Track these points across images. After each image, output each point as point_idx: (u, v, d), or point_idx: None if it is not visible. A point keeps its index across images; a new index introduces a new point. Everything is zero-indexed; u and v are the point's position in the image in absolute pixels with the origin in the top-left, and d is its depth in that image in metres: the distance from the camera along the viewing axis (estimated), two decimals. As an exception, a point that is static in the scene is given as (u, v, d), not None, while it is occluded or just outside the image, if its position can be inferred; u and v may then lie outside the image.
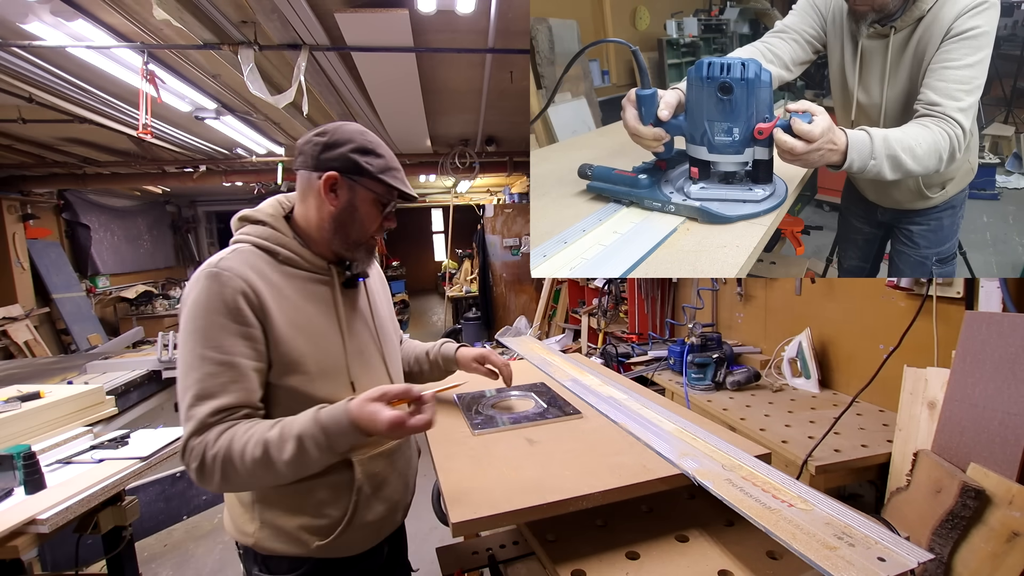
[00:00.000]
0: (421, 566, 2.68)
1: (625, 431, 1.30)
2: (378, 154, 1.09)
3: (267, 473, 0.93)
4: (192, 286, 0.99)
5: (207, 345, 0.95)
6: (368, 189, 1.08)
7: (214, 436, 0.93)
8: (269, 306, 1.00)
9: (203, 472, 0.94)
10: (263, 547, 1.09)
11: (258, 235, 1.08)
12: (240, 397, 0.96)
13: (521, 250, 7.08)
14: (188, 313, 0.98)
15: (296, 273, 1.09)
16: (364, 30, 2.39)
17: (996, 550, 1.25)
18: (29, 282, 5.86)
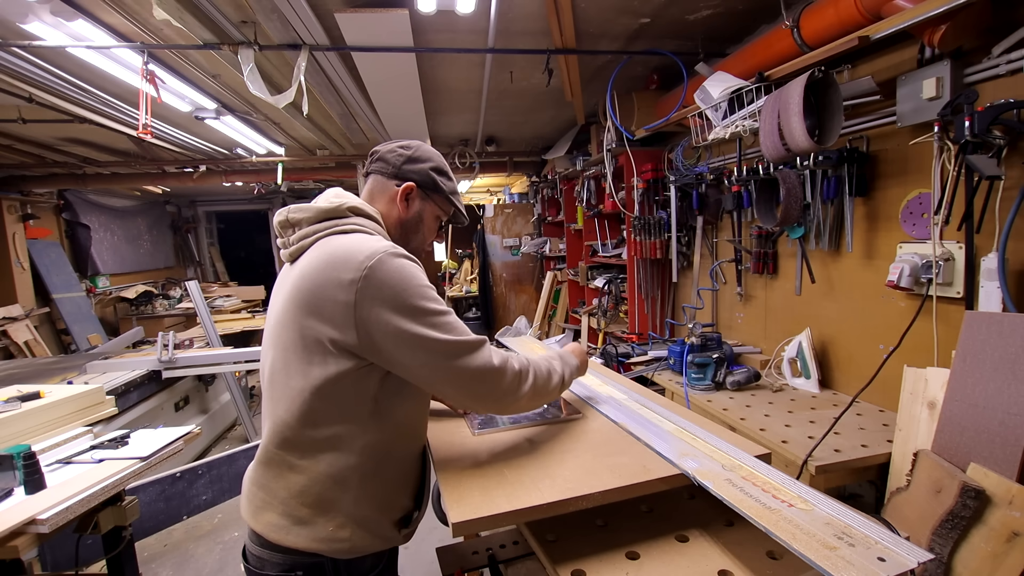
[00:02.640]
0: (421, 566, 2.68)
1: (625, 431, 1.30)
2: (450, 176, 1.22)
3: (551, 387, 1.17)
4: (379, 266, 0.96)
5: (443, 307, 1.01)
6: (437, 205, 1.20)
7: (516, 359, 1.10)
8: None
9: (536, 383, 1.12)
10: (358, 548, 1.05)
11: (376, 231, 1.10)
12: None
13: (521, 250, 7.08)
14: (404, 286, 0.97)
15: None
16: (364, 30, 2.38)
17: (996, 550, 1.25)
18: (29, 282, 5.86)
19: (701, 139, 2.58)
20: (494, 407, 1.17)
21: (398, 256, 0.99)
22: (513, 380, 1.07)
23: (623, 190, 3.76)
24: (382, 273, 0.95)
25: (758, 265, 2.63)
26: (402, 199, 1.16)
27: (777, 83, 2.15)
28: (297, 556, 1.02)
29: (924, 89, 1.71)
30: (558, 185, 5.47)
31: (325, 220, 1.07)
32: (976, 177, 1.55)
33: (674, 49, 2.76)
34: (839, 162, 2.06)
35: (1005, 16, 1.55)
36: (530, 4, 2.33)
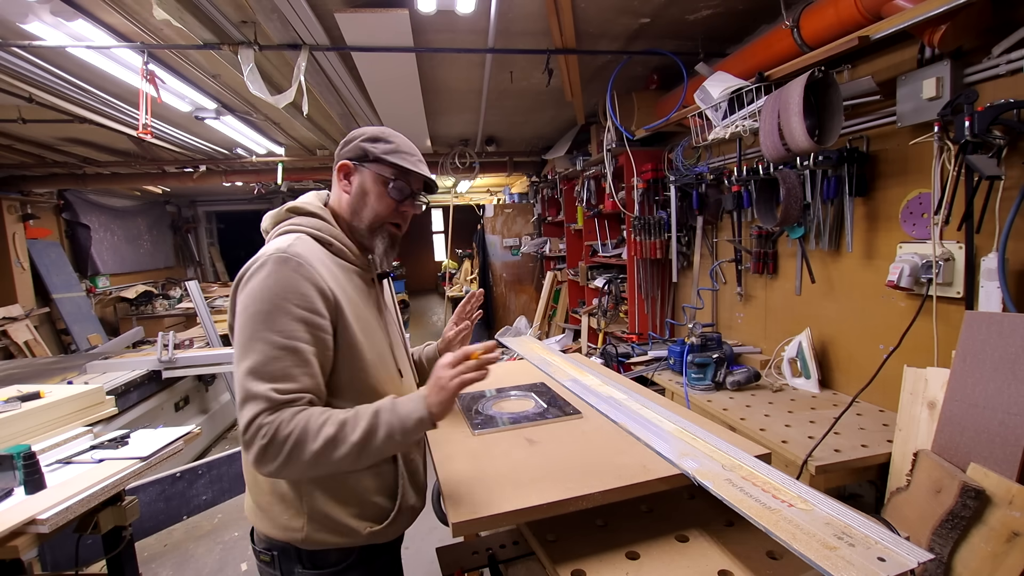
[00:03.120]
0: (421, 566, 2.69)
1: (625, 431, 1.30)
2: (387, 140, 1.13)
3: (332, 452, 0.94)
4: (257, 269, 0.99)
5: (273, 328, 0.96)
6: (374, 172, 1.12)
7: (290, 415, 0.94)
8: (339, 296, 1.04)
9: (268, 450, 0.92)
10: (313, 540, 1.08)
11: (311, 226, 1.11)
12: (306, 383, 0.98)
13: (521, 250, 7.08)
14: (254, 295, 0.97)
15: (345, 265, 1.13)
16: (364, 30, 2.38)
17: (996, 550, 1.25)
18: (29, 282, 5.86)
19: (701, 139, 2.58)
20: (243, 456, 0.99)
21: (284, 259, 0.99)
22: (255, 434, 0.92)
23: (623, 190, 3.75)
24: (256, 273, 0.99)
25: (758, 265, 2.63)
26: (340, 180, 1.15)
27: (777, 83, 2.15)
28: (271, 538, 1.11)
29: (924, 89, 1.71)
30: (558, 185, 5.47)
31: (276, 225, 1.14)
32: (976, 177, 1.55)
33: (674, 49, 2.76)
34: (839, 162, 2.06)
35: (1005, 16, 1.55)
36: (530, 4, 2.33)
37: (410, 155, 1.14)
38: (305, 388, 0.97)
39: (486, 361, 1.01)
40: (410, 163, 1.13)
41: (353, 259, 1.15)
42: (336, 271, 1.08)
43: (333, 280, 1.05)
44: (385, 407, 0.99)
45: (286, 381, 0.95)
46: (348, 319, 1.05)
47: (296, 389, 0.96)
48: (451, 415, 1.47)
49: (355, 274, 1.15)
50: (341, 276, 1.09)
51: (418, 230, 14.88)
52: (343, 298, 1.05)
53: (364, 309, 1.13)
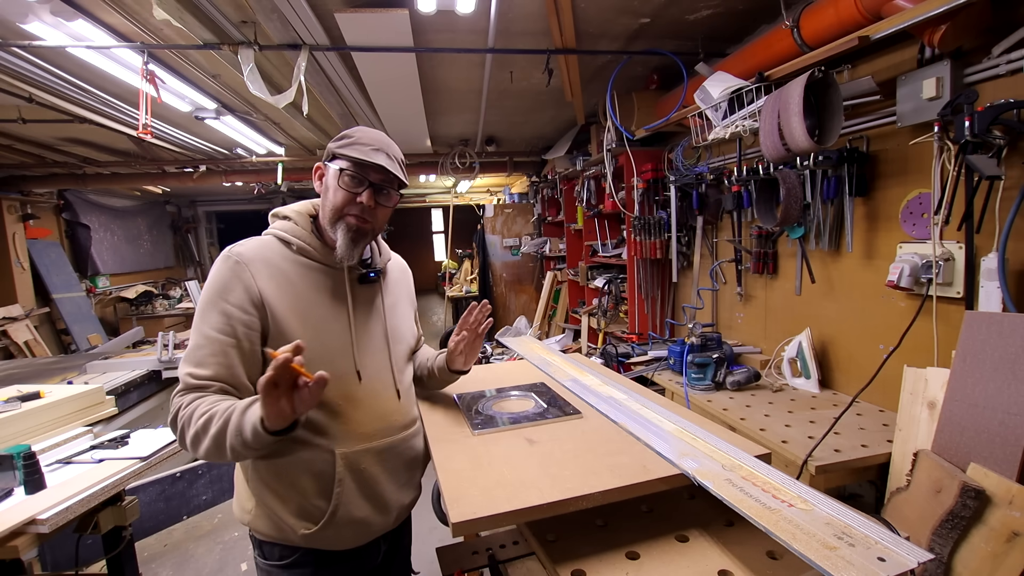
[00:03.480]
0: (421, 566, 2.68)
1: (625, 431, 1.30)
2: (349, 136, 1.15)
3: (199, 445, 1.00)
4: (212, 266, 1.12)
5: (202, 319, 1.06)
6: (334, 167, 1.14)
7: (188, 400, 1.03)
8: (270, 291, 1.08)
9: (174, 429, 1.04)
10: (257, 530, 1.14)
11: (279, 228, 1.18)
12: (218, 372, 1.04)
13: (521, 250, 7.08)
14: (204, 289, 1.10)
15: (308, 263, 1.16)
16: (364, 30, 2.38)
17: (996, 550, 1.25)
18: (29, 282, 5.86)
19: (701, 139, 2.58)
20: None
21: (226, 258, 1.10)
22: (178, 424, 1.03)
23: (623, 190, 3.75)
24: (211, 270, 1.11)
25: (758, 265, 2.63)
26: (315, 181, 1.21)
27: (777, 83, 2.15)
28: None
29: (924, 89, 1.71)
30: (558, 185, 5.47)
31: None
32: (976, 177, 1.55)
33: (674, 49, 2.76)
34: (839, 162, 2.06)
35: (1005, 16, 1.55)
36: (530, 4, 2.33)
37: (365, 146, 1.13)
38: (216, 376, 1.04)
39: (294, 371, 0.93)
40: (363, 153, 1.11)
41: (317, 257, 1.17)
42: (289, 268, 1.13)
43: (274, 279, 1.10)
44: (239, 408, 0.99)
45: (201, 367, 1.04)
46: (281, 316, 1.08)
47: (207, 376, 1.04)
48: (451, 415, 1.47)
49: (322, 273, 1.17)
50: (295, 273, 1.14)
51: (418, 230, 14.89)
52: (277, 290, 1.09)
53: (317, 307, 1.14)
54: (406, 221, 13.89)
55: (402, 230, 13.85)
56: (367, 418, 1.17)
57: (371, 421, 1.18)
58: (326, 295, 1.16)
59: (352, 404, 1.15)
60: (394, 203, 1.21)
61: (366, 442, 1.16)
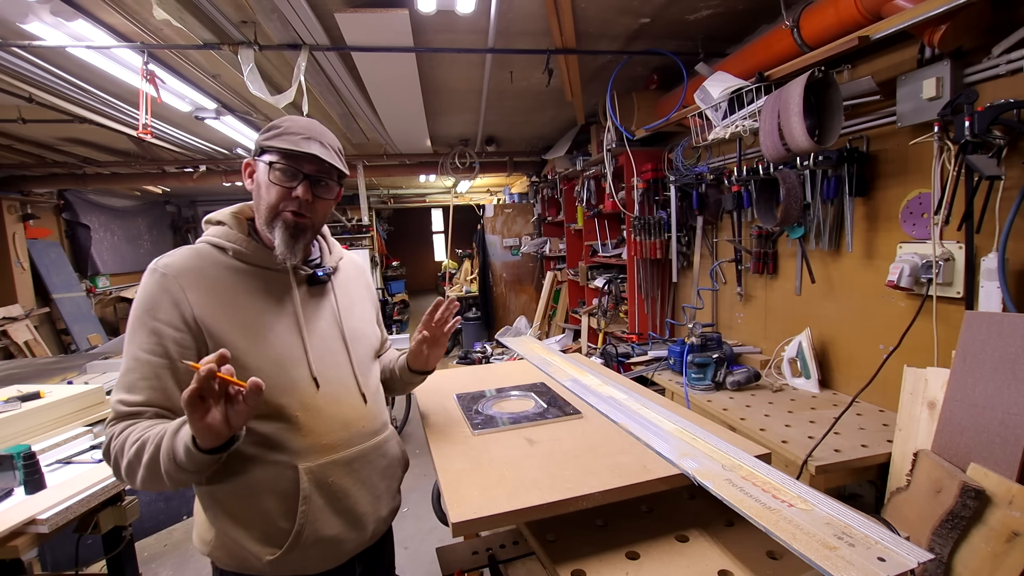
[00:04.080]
0: (421, 566, 2.68)
1: (625, 431, 1.30)
2: (277, 127, 1.06)
3: (135, 471, 0.93)
4: (141, 280, 1.05)
5: (131, 340, 0.99)
6: (263, 161, 1.05)
7: (119, 429, 0.95)
8: (204, 305, 1.00)
9: (109, 462, 0.97)
10: (222, 561, 1.06)
11: (212, 234, 1.10)
12: (150, 396, 0.97)
13: (521, 250, 7.08)
14: (133, 306, 1.02)
15: (246, 268, 1.07)
16: (364, 30, 2.38)
17: (996, 550, 1.25)
18: (29, 282, 5.86)
19: (701, 139, 2.58)
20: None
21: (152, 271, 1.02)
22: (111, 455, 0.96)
23: (623, 190, 3.75)
24: (140, 285, 1.03)
25: (758, 265, 2.63)
26: (247, 179, 1.11)
27: (777, 83, 2.15)
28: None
29: (924, 89, 1.71)
30: (558, 185, 5.47)
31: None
32: (976, 177, 1.55)
33: (674, 49, 2.76)
34: (839, 162, 2.06)
35: (1005, 16, 1.55)
36: (530, 4, 2.33)
37: (295, 135, 1.04)
38: (149, 401, 0.97)
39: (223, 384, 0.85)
40: (293, 143, 1.02)
41: (256, 260, 1.07)
42: (226, 275, 1.04)
43: (209, 290, 1.01)
44: (170, 430, 0.91)
45: (132, 393, 0.97)
46: (221, 330, 0.99)
47: (139, 402, 0.97)
48: (451, 415, 1.47)
49: (264, 278, 1.08)
50: (233, 280, 1.04)
51: (418, 230, 14.90)
52: (218, 308, 1.00)
53: (261, 315, 1.05)
54: (406, 221, 13.90)
55: (402, 230, 13.86)
56: (330, 427, 1.07)
57: (335, 430, 1.08)
58: (271, 301, 1.07)
59: (312, 414, 1.05)
60: (336, 196, 1.11)
61: (331, 453, 1.06)
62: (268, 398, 0.98)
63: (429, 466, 1.25)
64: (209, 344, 0.99)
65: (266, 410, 1.00)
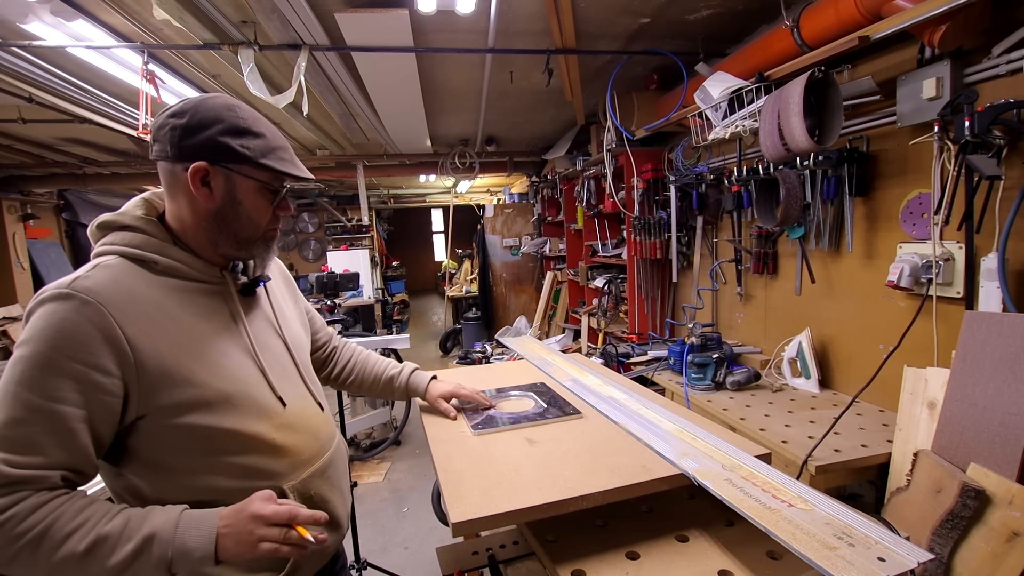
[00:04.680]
0: (421, 566, 2.68)
1: (625, 431, 1.30)
2: (255, 132, 0.93)
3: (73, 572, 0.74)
4: (33, 309, 0.80)
5: (31, 385, 0.76)
6: (249, 177, 0.92)
7: (29, 508, 0.73)
8: (141, 335, 0.83)
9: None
10: None
11: (127, 243, 0.90)
12: (56, 457, 0.77)
13: (521, 250, 7.08)
14: (21, 341, 0.79)
15: (182, 285, 0.92)
16: (364, 30, 2.39)
17: (996, 550, 1.25)
18: (29, 282, 5.86)
19: (701, 139, 2.58)
20: None
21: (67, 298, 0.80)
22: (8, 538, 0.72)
23: (623, 190, 3.76)
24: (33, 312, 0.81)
25: (758, 265, 2.63)
26: (197, 186, 0.89)
27: (777, 83, 2.15)
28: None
29: (924, 89, 1.71)
30: (558, 185, 5.47)
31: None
32: (976, 177, 1.55)
33: (674, 49, 2.76)
34: (839, 162, 2.06)
35: (1005, 16, 1.55)
36: (530, 4, 2.33)
37: (283, 149, 0.97)
38: (54, 463, 0.77)
39: (302, 541, 0.84)
40: (287, 163, 0.96)
41: (194, 275, 0.93)
42: (156, 296, 0.88)
43: (144, 317, 0.84)
44: (163, 534, 0.78)
45: (27, 453, 0.75)
46: (166, 364, 0.84)
47: (40, 464, 0.76)
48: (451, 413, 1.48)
49: (199, 293, 0.94)
50: (165, 301, 0.88)
51: (418, 230, 14.90)
52: (159, 337, 0.85)
53: (213, 337, 0.92)
54: (406, 221, 13.90)
55: (402, 230, 13.87)
56: (305, 442, 1.02)
57: (309, 444, 1.03)
58: (216, 321, 0.94)
59: (286, 433, 0.98)
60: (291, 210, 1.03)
61: (310, 466, 1.02)
62: (242, 428, 0.91)
63: (429, 466, 1.26)
64: (153, 388, 0.83)
65: (244, 443, 0.92)
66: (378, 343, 3.03)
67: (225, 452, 0.90)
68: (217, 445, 0.89)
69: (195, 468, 0.89)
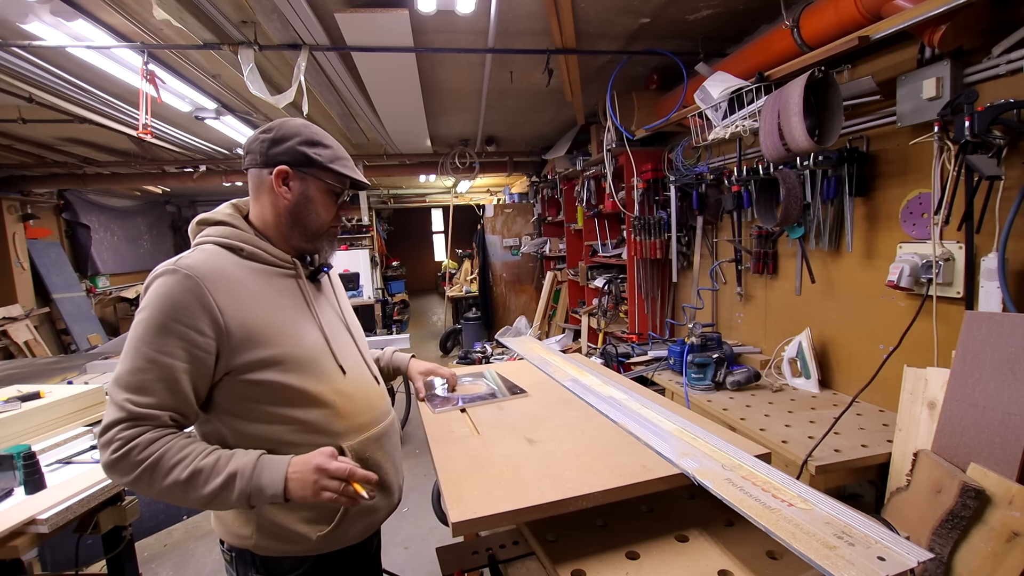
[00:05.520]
0: (421, 566, 2.68)
1: (625, 431, 1.30)
2: (325, 144, 1.12)
3: (181, 496, 0.94)
4: (150, 282, 1.00)
5: (147, 340, 0.95)
6: (319, 179, 1.12)
7: (146, 441, 0.93)
8: (230, 305, 1.00)
9: (117, 466, 0.92)
10: (263, 548, 1.10)
11: (220, 234, 1.09)
12: (165, 400, 0.95)
13: (521, 250, 7.08)
14: (142, 305, 0.99)
15: (261, 268, 1.10)
16: (364, 30, 2.38)
17: (996, 550, 1.25)
18: (29, 282, 5.86)
19: (701, 139, 2.58)
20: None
21: (173, 272, 0.98)
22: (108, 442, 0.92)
23: (623, 190, 3.76)
24: (150, 285, 0.99)
25: (758, 265, 2.63)
26: (279, 185, 1.10)
27: (777, 83, 2.15)
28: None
29: (924, 89, 1.71)
30: (558, 185, 5.47)
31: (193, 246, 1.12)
32: (976, 177, 1.55)
33: (674, 49, 2.76)
34: (839, 162, 2.06)
35: (1005, 16, 1.55)
36: (530, 4, 2.33)
37: (347, 159, 1.16)
38: (163, 404, 0.95)
39: (356, 495, 0.99)
40: (350, 169, 1.14)
41: (271, 260, 1.12)
42: (242, 275, 1.06)
43: (233, 291, 1.02)
44: (243, 472, 0.95)
45: (144, 394, 0.94)
46: (249, 331, 1.01)
47: (153, 404, 0.94)
48: (450, 415, 1.48)
49: (275, 276, 1.12)
50: (249, 280, 1.06)
51: (418, 230, 14.89)
52: (236, 302, 1.01)
53: (286, 312, 1.09)
54: (406, 221, 13.90)
55: (402, 230, 13.86)
56: (361, 409, 1.17)
57: (364, 411, 1.18)
58: (287, 297, 1.12)
59: (345, 398, 1.13)
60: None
61: (365, 431, 1.16)
62: (308, 388, 1.06)
63: (429, 466, 1.27)
64: (236, 349, 1.00)
65: (308, 400, 1.07)
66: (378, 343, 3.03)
67: (292, 405, 1.05)
68: (286, 399, 1.05)
69: (267, 418, 1.04)
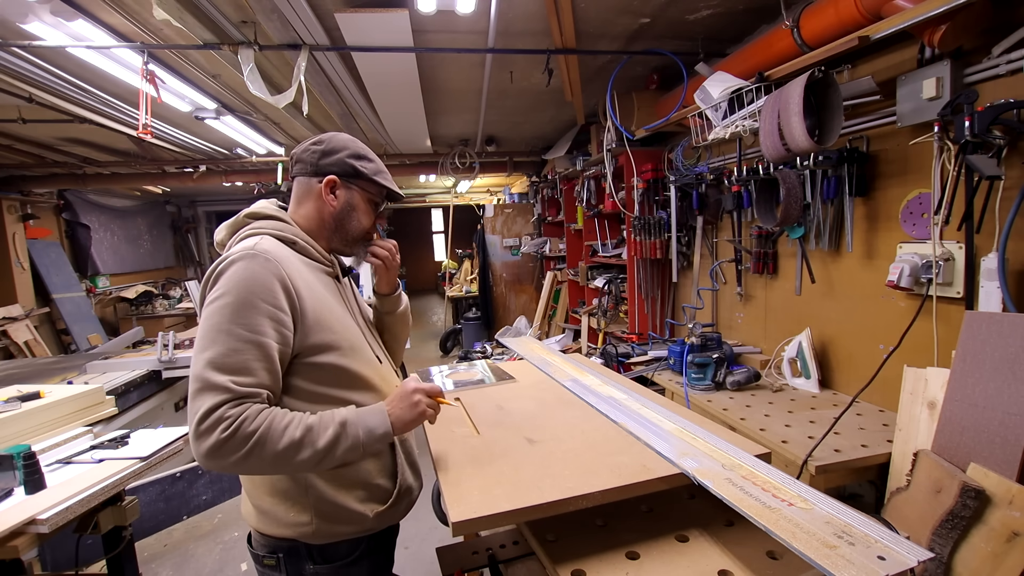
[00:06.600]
0: (421, 566, 2.68)
1: (625, 431, 1.30)
2: (370, 159, 1.23)
3: (294, 455, 0.96)
4: (227, 265, 1.02)
5: (238, 321, 0.97)
6: (364, 190, 1.22)
7: (255, 412, 0.95)
8: (302, 291, 1.06)
9: (227, 443, 0.91)
10: (322, 533, 1.10)
11: (274, 228, 1.15)
12: (264, 379, 0.98)
13: (521, 250, 7.08)
14: (221, 289, 0.99)
15: (309, 263, 1.17)
16: (364, 30, 2.38)
17: (996, 550, 1.25)
18: (29, 282, 5.85)
19: (701, 139, 2.58)
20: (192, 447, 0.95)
21: (253, 256, 1.02)
22: (215, 425, 0.91)
23: (623, 190, 3.76)
24: (226, 269, 1.02)
25: (758, 265, 2.63)
26: (327, 193, 1.19)
27: (777, 83, 2.15)
28: (276, 540, 1.11)
29: (924, 89, 1.71)
30: (558, 185, 5.47)
31: (234, 233, 1.17)
32: (976, 177, 1.55)
33: (674, 49, 2.76)
34: (839, 162, 2.06)
35: (1005, 16, 1.55)
36: (530, 4, 2.33)
37: (387, 173, 1.25)
38: (263, 383, 0.98)
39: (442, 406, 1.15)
40: (390, 182, 1.24)
41: (319, 257, 1.20)
42: (302, 268, 1.12)
43: (299, 276, 1.08)
44: (351, 420, 1.03)
45: (246, 375, 0.96)
46: (309, 308, 1.07)
47: (255, 383, 0.97)
48: (450, 415, 1.48)
49: (320, 271, 1.20)
50: (307, 273, 1.13)
51: (418, 230, 14.89)
52: (309, 293, 1.08)
53: (334, 303, 1.17)
54: (406, 221, 13.90)
55: (402, 230, 13.86)
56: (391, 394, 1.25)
57: None
58: (331, 290, 1.20)
59: (386, 384, 1.22)
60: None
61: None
62: (360, 371, 1.14)
63: (429, 466, 1.26)
64: (302, 328, 1.05)
65: (362, 383, 1.14)
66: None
67: (348, 387, 1.12)
68: (345, 381, 1.11)
69: (328, 400, 1.09)
